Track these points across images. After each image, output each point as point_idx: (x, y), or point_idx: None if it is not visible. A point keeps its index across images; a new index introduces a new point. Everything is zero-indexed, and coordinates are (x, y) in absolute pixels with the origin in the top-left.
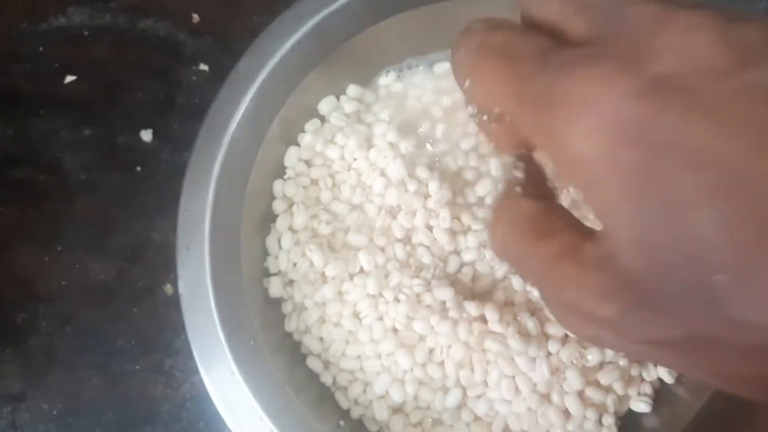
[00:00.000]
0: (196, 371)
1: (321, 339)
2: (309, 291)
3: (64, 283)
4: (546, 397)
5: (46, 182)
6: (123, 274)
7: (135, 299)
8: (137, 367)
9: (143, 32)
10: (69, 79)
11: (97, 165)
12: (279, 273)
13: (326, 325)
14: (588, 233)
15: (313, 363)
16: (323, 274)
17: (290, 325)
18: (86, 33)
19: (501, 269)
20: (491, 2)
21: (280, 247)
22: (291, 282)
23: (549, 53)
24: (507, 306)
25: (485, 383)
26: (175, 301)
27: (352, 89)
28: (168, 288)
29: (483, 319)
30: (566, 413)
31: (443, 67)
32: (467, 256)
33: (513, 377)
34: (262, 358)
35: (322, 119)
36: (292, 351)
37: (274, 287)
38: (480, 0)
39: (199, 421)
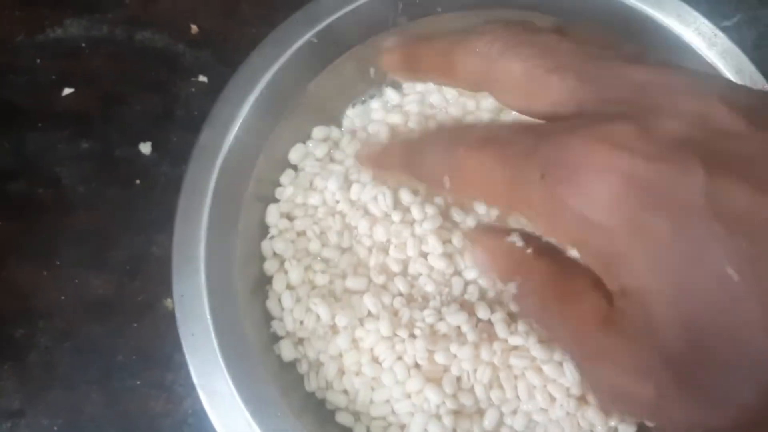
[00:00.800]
0: (197, 386)
1: (345, 392)
2: (322, 346)
3: (63, 297)
4: (582, 399)
5: (44, 196)
6: (122, 289)
7: (135, 314)
8: (138, 383)
9: (141, 44)
10: (66, 91)
11: (96, 178)
12: (287, 335)
13: (347, 377)
14: (616, 293)
15: (342, 418)
16: (332, 326)
17: (310, 385)
18: (83, 45)
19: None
20: (438, 20)
21: (282, 309)
22: (301, 341)
23: (539, 130)
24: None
25: (518, 397)
26: (175, 316)
27: (318, 131)
28: (168, 302)
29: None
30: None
31: (408, 88)
32: (469, 275)
33: (545, 386)
34: (292, 425)
35: (295, 169)
36: (318, 409)
37: (286, 351)
38: (427, 21)
39: None
